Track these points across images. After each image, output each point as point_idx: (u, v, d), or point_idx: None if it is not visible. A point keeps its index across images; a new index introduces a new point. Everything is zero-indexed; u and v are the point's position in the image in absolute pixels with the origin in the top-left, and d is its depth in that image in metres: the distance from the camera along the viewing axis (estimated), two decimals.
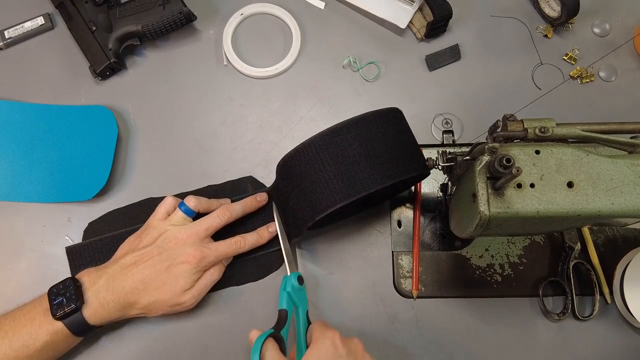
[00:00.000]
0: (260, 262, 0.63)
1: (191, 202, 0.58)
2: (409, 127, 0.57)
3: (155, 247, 0.55)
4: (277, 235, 0.61)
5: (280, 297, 0.57)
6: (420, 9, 0.70)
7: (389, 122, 0.55)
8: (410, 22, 0.70)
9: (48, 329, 0.52)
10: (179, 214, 0.58)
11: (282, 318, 0.55)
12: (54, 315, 0.51)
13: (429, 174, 0.57)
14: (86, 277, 0.55)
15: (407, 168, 0.53)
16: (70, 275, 0.63)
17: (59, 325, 0.52)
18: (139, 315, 0.57)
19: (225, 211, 0.58)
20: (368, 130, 0.53)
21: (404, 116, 0.57)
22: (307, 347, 0.54)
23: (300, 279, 0.58)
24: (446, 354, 0.61)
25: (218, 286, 0.62)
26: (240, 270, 0.63)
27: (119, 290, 0.53)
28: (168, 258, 0.55)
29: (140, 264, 0.54)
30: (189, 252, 0.55)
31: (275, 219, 0.61)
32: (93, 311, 0.53)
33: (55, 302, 0.52)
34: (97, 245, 0.63)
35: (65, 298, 0.52)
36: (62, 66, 0.70)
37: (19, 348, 0.51)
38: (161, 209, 0.59)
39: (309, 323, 0.57)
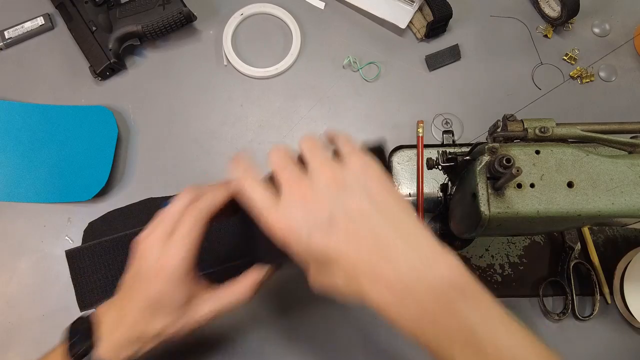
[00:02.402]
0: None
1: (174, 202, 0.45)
2: None
3: (132, 287, 0.46)
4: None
5: None
6: (420, 9, 0.70)
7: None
8: (410, 22, 0.70)
9: None
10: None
11: None
12: (70, 357, 0.46)
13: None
14: (100, 311, 0.48)
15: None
16: (71, 277, 0.63)
17: None
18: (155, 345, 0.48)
19: (195, 210, 0.44)
20: None
21: None
22: None
23: None
24: None
25: None
26: (241, 270, 0.63)
27: (125, 323, 0.46)
28: (147, 300, 0.45)
29: (132, 299, 0.46)
30: (162, 292, 0.44)
31: None
32: (106, 349, 0.46)
33: (71, 343, 0.47)
34: (97, 249, 0.63)
35: (79, 337, 0.47)
36: (62, 66, 0.70)
37: None
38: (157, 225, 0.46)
39: None
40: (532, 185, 0.45)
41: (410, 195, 0.66)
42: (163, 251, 0.44)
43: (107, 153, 0.65)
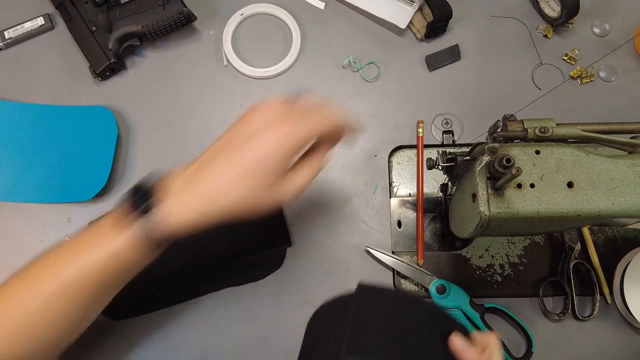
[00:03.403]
0: (260, 262, 0.63)
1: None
2: None
3: (229, 147, 0.43)
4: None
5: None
6: (420, 9, 0.70)
7: None
8: (410, 22, 0.70)
9: (118, 239, 0.41)
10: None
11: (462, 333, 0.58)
12: (125, 219, 0.42)
13: None
14: (169, 176, 0.44)
15: None
16: None
17: (131, 233, 0.41)
18: (226, 218, 0.43)
19: (324, 118, 0.44)
20: None
21: None
22: None
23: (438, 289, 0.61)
24: None
25: (218, 286, 0.62)
26: (240, 270, 0.63)
27: (201, 184, 0.42)
28: (244, 162, 0.42)
29: (222, 158, 0.43)
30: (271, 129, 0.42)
31: None
32: (167, 211, 0.41)
33: (128, 204, 0.42)
34: None
35: (138, 198, 0.42)
36: (62, 66, 0.70)
37: (85, 266, 0.42)
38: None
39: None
40: (532, 185, 0.45)
41: (410, 195, 0.66)
42: (290, 131, 0.42)
43: (107, 153, 0.65)
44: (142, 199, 0.42)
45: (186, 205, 0.41)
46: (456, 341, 0.41)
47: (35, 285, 0.43)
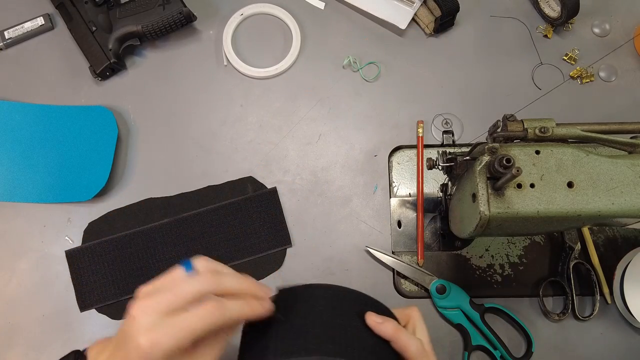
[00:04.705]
0: (260, 262, 0.63)
1: (200, 262, 0.41)
2: None
3: (120, 343, 0.40)
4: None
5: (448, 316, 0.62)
6: (425, 4, 0.70)
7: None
8: (418, 18, 0.70)
9: None
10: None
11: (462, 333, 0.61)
12: None
13: None
14: (94, 351, 0.43)
15: None
16: (71, 277, 0.62)
17: None
18: None
19: (215, 309, 0.39)
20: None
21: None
22: None
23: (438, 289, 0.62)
24: (446, 354, 0.61)
25: None
26: (241, 270, 0.63)
27: None
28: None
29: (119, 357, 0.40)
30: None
31: None
32: None
33: None
34: (97, 249, 0.63)
35: None
36: (62, 66, 0.70)
37: None
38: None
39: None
40: (532, 185, 0.45)
41: (410, 195, 0.66)
42: (158, 324, 0.37)
43: (107, 153, 0.65)
44: None
45: None
46: (371, 318, 0.41)
47: None
